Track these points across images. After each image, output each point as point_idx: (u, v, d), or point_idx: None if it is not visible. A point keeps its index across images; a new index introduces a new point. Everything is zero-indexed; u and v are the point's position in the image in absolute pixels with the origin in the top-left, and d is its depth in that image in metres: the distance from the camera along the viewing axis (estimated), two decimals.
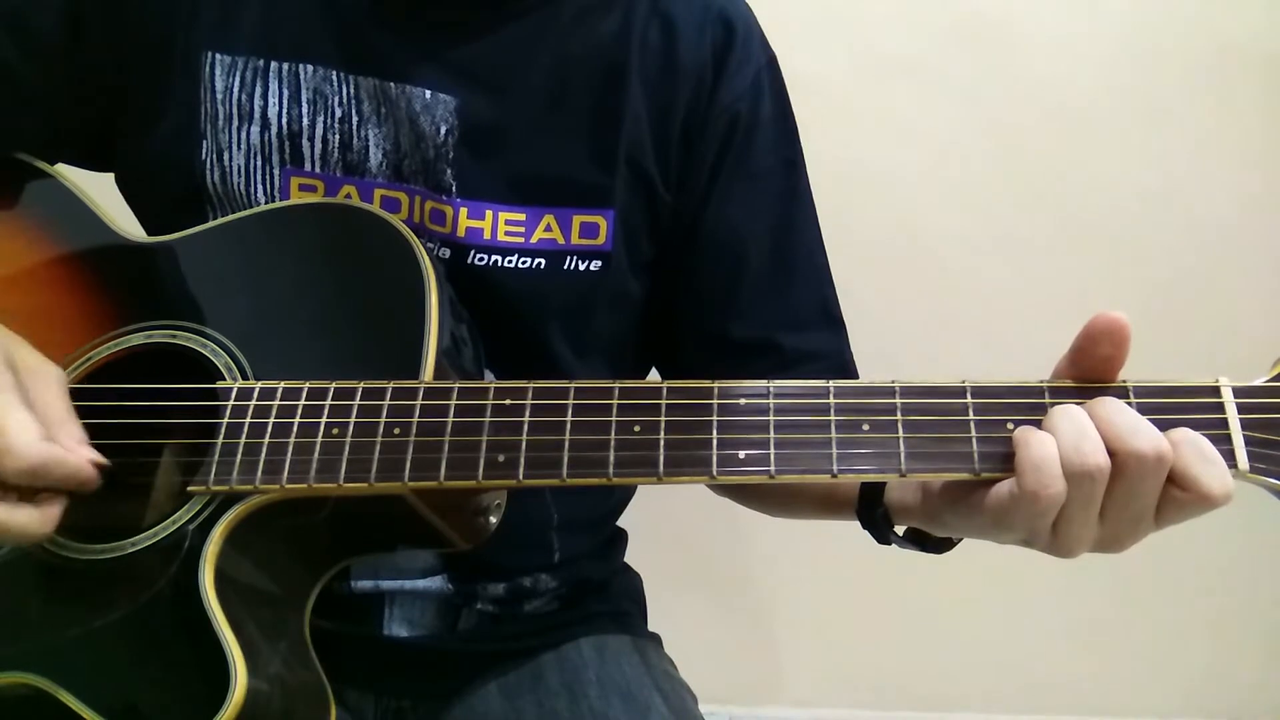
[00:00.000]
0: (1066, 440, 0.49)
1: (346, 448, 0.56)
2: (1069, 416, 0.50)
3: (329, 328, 0.65)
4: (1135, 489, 0.49)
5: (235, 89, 0.70)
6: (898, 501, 0.63)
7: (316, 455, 0.56)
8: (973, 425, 0.52)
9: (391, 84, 0.70)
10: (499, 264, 0.71)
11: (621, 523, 0.89)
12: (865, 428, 0.53)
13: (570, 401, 0.56)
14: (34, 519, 0.54)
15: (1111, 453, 0.49)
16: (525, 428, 0.55)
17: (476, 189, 0.71)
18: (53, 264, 0.69)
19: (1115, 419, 0.50)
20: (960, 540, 0.62)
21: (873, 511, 0.65)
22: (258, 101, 0.70)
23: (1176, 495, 0.49)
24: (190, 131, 0.70)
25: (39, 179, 0.72)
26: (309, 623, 0.62)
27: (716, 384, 0.55)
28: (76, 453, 0.55)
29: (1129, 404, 0.51)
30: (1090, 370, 0.52)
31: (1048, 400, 0.52)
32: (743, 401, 0.54)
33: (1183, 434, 0.49)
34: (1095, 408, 0.51)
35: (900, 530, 0.65)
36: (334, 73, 0.70)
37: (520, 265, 0.71)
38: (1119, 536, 0.51)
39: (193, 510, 0.57)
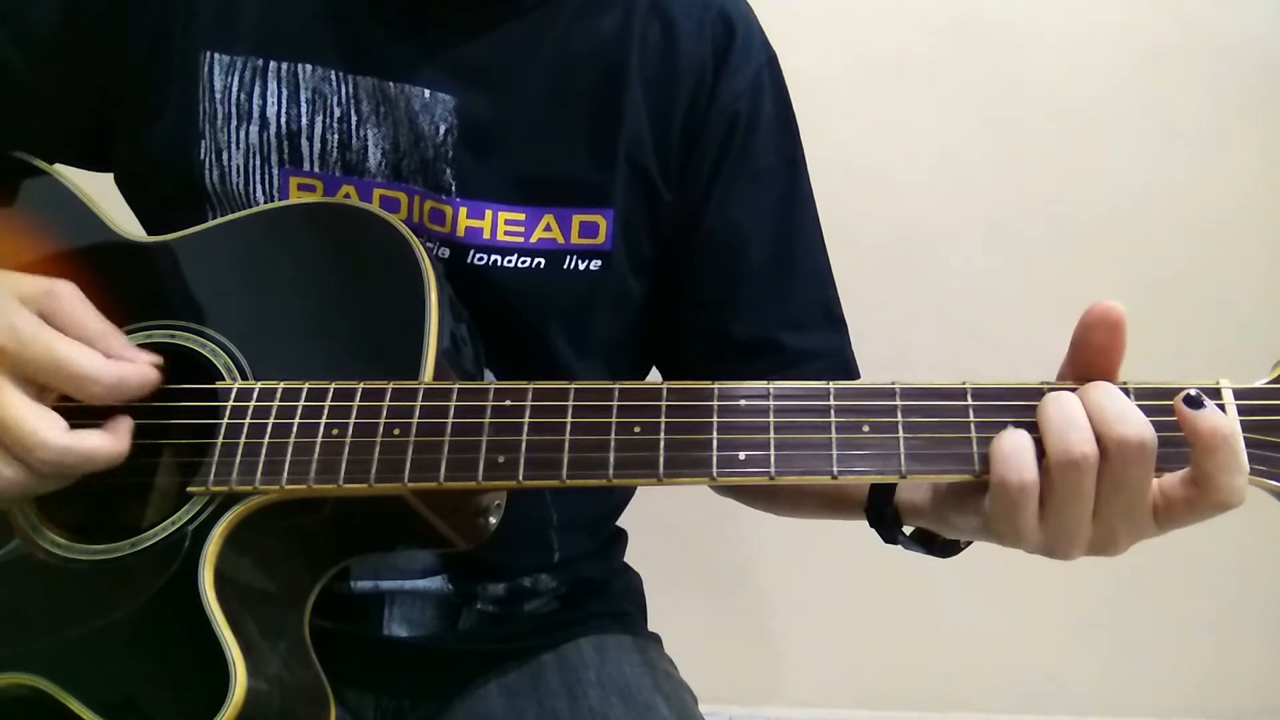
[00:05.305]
0: (1054, 429, 0.49)
1: (346, 448, 0.56)
2: (1059, 404, 0.50)
3: (329, 328, 0.65)
4: (1120, 478, 0.49)
5: (234, 88, 0.70)
6: (907, 501, 0.63)
7: (316, 456, 0.56)
8: (973, 426, 0.52)
9: (390, 83, 0.70)
10: (498, 264, 0.71)
11: (621, 523, 0.89)
12: (865, 429, 0.53)
13: (570, 403, 0.56)
14: (107, 441, 0.56)
15: (1097, 437, 0.49)
16: (525, 428, 0.55)
17: (476, 188, 0.70)
18: (52, 263, 0.68)
19: (1105, 404, 0.49)
20: (967, 545, 0.61)
21: (882, 510, 0.64)
22: (256, 101, 0.70)
23: (1191, 496, 0.49)
24: (188, 131, 0.70)
25: (38, 178, 0.72)
26: (309, 622, 0.62)
27: (716, 385, 0.55)
28: (135, 362, 0.58)
29: None
30: (1089, 364, 0.52)
31: None
32: (743, 402, 0.54)
33: (1216, 435, 0.47)
34: (1087, 392, 0.50)
35: (908, 530, 0.65)
36: (333, 72, 0.70)
37: (520, 265, 0.71)
38: (1114, 534, 0.51)
39: (192, 511, 0.57)
